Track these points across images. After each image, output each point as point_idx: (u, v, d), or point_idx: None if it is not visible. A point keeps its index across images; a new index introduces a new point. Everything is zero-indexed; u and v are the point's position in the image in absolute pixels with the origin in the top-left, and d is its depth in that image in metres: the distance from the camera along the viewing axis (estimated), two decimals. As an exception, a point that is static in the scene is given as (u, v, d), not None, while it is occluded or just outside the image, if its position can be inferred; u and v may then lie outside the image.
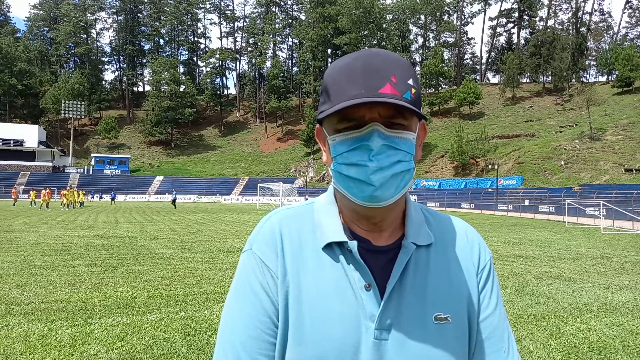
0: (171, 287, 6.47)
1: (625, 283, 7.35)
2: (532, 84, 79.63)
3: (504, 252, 11.05)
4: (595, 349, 4.17)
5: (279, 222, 0.77)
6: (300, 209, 0.80)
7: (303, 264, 0.73)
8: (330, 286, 0.71)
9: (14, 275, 7.09)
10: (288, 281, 0.72)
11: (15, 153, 65.38)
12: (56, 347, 3.95)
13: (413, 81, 0.67)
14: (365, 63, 0.65)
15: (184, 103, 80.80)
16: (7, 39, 76.45)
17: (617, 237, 15.83)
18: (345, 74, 0.66)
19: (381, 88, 0.64)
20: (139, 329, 4.49)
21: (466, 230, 0.81)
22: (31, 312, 5.03)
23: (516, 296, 6.24)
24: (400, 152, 0.67)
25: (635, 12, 78.25)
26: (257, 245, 0.75)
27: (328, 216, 0.76)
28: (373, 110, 0.65)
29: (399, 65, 0.67)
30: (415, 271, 0.73)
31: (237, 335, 0.71)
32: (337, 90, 0.66)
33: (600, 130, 49.16)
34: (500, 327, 0.76)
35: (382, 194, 0.66)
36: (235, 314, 0.72)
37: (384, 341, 0.69)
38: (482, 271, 0.78)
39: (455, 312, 0.73)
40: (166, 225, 18.46)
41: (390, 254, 0.73)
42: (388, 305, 0.70)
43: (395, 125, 0.66)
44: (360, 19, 74.27)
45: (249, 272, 0.74)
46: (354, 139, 0.66)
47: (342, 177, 0.68)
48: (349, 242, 0.71)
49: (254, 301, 0.72)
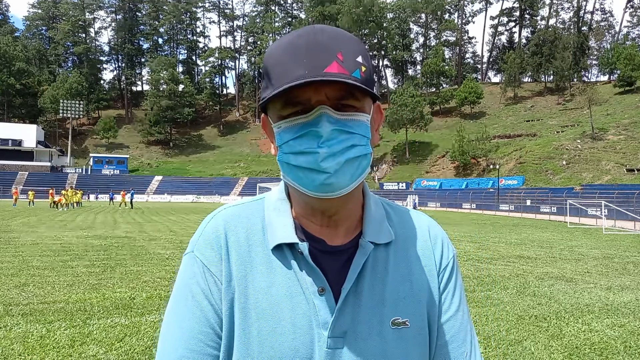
0: (170, 288, 6.41)
1: (627, 284, 7.33)
2: (533, 83, 79.63)
3: (506, 253, 11.02)
4: (596, 350, 4.15)
5: (224, 221, 0.70)
6: (249, 206, 0.73)
7: (251, 267, 0.67)
8: (280, 292, 0.65)
9: (12, 275, 7.05)
10: (234, 287, 0.65)
11: (13, 153, 65.27)
12: (55, 348, 3.93)
13: (363, 59, 0.61)
14: (309, 40, 0.59)
15: (183, 102, 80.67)
16: (6, 38, 76.29)
17: (619, 238, 15.81)
18: (287, 54, 0.59)
19: (327, 67, 0.57)
20: (138, 330, 4.47)
21: (429, 225, 0.76)
22: (29, 312, 5.00)
23: (517, 297, 6.21)
24: (354, 136, 0.61)
25: (636, 12, 78.19)
26: (199, 248, 0.68)
27: (278, 214, 0.70)
28: (320, 92, 0.59)
29: (346, 41, 0.61)
30: (373, 273, 0.68)
31: (176, 349, 0.64)
32: (279, 73, 0.59)
33: (602, 130, 49.16)
34: (463, 330, 0.72)
35: (336, 180, 0.60)
36: (174, 325, 0.66)
37: (338, 350, 0.64)
38: (444, 270, 0.73)
39: (415, 315, 0.68)
40: (165, 225, 18.43)
41: (346, 254, 0.68)
42: (343, 311, 0.65)
43: (345, 108, 0.61)
44: (361, 17, 74.20)
45: (189, 278, 0.67)
46: (301, 125, 0.60)
47: (290, 167, 0.62)
48: (300, 244, 0.65)
49: (194, 310, 0.65)
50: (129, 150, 79.25)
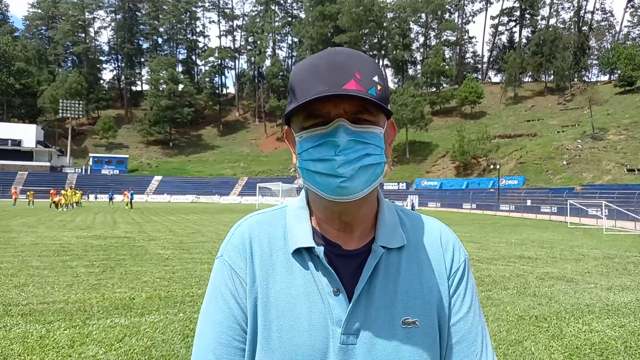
0: (170, 288, 6.43)
1: (627, 284, 7.32)
2: (534, 83, 79.62)
3: (506, 253, 11.01)
4: (597, 350, 4.14)
5: (249, 228, 0.77)
6: (272, 214, 0.80)
7: (272, 270, 0.73)
8: (299, 292, 0.71)
9: (11, 275, 7.04)
10: (257, 288, 0.72)
11: (12, 153, 65.23)
12: (54, 348, 3.92)
13: (378, 78, 0.68)
14: (330, 61, 0.66)
15: (183, 102, 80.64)
16: (5, 38, 76.22)
17: (620, 238, 15.80)
18: (310, 72, 0.67)
19: (345, 84, 0.64)
20: (138, 330, 4.46)
21: (441, 231, 0.80)
22: (29, 313, 4.99)
23: (518, 297, 6.20)
24: (369, 146, 0.67)
25: (637, 11, 78.11)
26: (227, 252, 0.76)
27: (298, 221, 0.76)
28: (338, 107, 0.65)
29: (364, 62, 0.68)
30: (386, 275, 0.73)
31: (208, 342, 0.72)
32: (302, 88, 0.66)
33: (603, 130, 49.15)
34: (474, 331, 0.75)
35: (351, 185, 0.65)
36: (206, 321, 0.74)
37: (352, 346, 0.69)
38: (454, 274, 0.77)
39: (424, 316, 0.72)
40: (164, 225, 18.42)
41: (360, 258, 0.73)
42: (355, 309, 0.70)
43: (361, 121, 0.67)
44: (361, 17, 74.17)
45: (219, 279, 0.75)
46: (320, 135, 0.66)
47: (309, 172, 0.68)
48: (316, 248, 0.72)
49: (223, 308, 0.73)
50: (129, 150, 79.21)
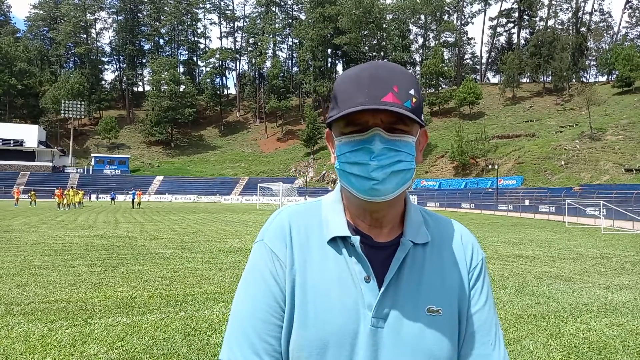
0: (171, 287, 6.47)
1: (625, 283, 7.35)
2: (532, 84, 79.60)
3: (504, 252, 11.04)
4: (595, 349, 4.17)
5: (288, 216, 0.84)
6: (309, 206, 0.87)
7: (309, 255, 0.79)
8: (333, 277, 0.77)
9: (13, 275, 7.09)
10: (295, 270, 0.78)
11: (15, 153, 65.32)
12: (56, 347, 3.95)
13: (414, 91, 0.73)
14: (371, 74, 0.72)
15: (184, 103, 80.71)
16: (7, 38, 76.35)
17: (617, 237, 15.83)
18: (352, 83, 0.73)
19: (384, 97, 0.70)
20: (139, 329, 4.49)
21: (462, 232, 0.87)
22: (31, 312, 5.02)
23: (516, 296, 6.24)
24: (401, 153, 0.73)
25: (635, 12, 78.19)
26: (268, 237, 0.82)
27: (334, 213, 0.82)
28: (376, 117, 0.72)
29: (401, 76, 0.73)
30: (412, 267, 0.79)
31: (247, 318, 0.77)
32: (344, 98, 0.73)
33: (601, 130, 49.15)
34: (489, 323, 0.82)
35: (382, 187, 0.72)
36: (246, 299, 0.79)
37: (380, 329, 0.75)
38: (473, 270, 0.84)
39: (447, 305, 0.79)
40: (166, 225, 18.45)
41: (389, 250, 0.79)
42: (385, 296, 0.76)
43: (396, 130, 0.73)
44: (360, 18, 74.20)
45: (259, 261, 0.81)
46: (357, 141, 0.73)
47: (345, 174, 0.75)
48: (352, 237, 0.78)
49: (263, 287, 0.78)
50: (130, 150, 79.29)
